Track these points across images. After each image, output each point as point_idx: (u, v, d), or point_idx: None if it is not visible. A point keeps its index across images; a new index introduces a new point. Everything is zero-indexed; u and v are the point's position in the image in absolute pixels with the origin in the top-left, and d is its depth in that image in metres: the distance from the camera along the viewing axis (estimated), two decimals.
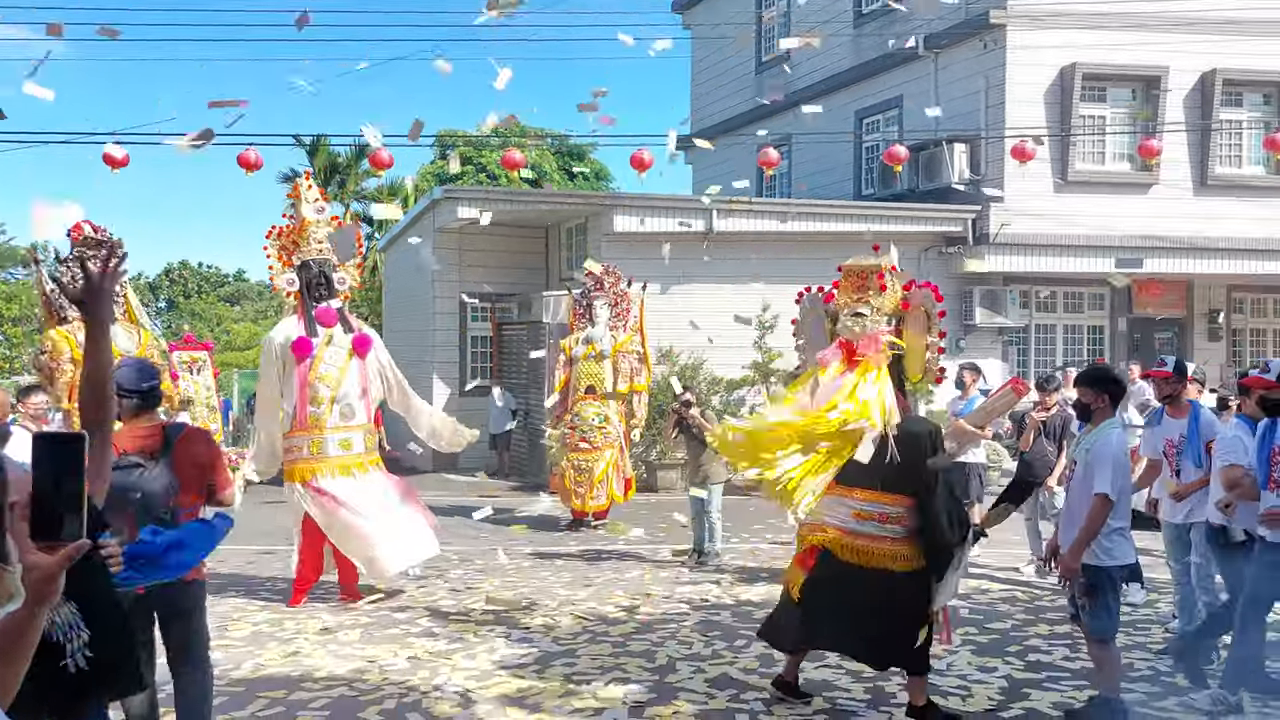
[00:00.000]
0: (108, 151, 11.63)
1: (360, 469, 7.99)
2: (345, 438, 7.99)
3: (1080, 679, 5.90)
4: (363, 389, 8.18)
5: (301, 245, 8.30)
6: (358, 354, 8.17)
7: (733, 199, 15.46)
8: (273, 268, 8.40)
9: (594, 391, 11.46)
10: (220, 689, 5.70)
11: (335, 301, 8.27)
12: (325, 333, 8.11)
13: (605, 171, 37.89)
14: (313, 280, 8.21)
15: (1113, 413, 5.20)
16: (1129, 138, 16.11)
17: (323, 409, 7.95)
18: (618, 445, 11.55)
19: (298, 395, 8.02)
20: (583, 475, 11.29)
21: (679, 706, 5.41)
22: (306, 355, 8.02)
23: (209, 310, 41.07)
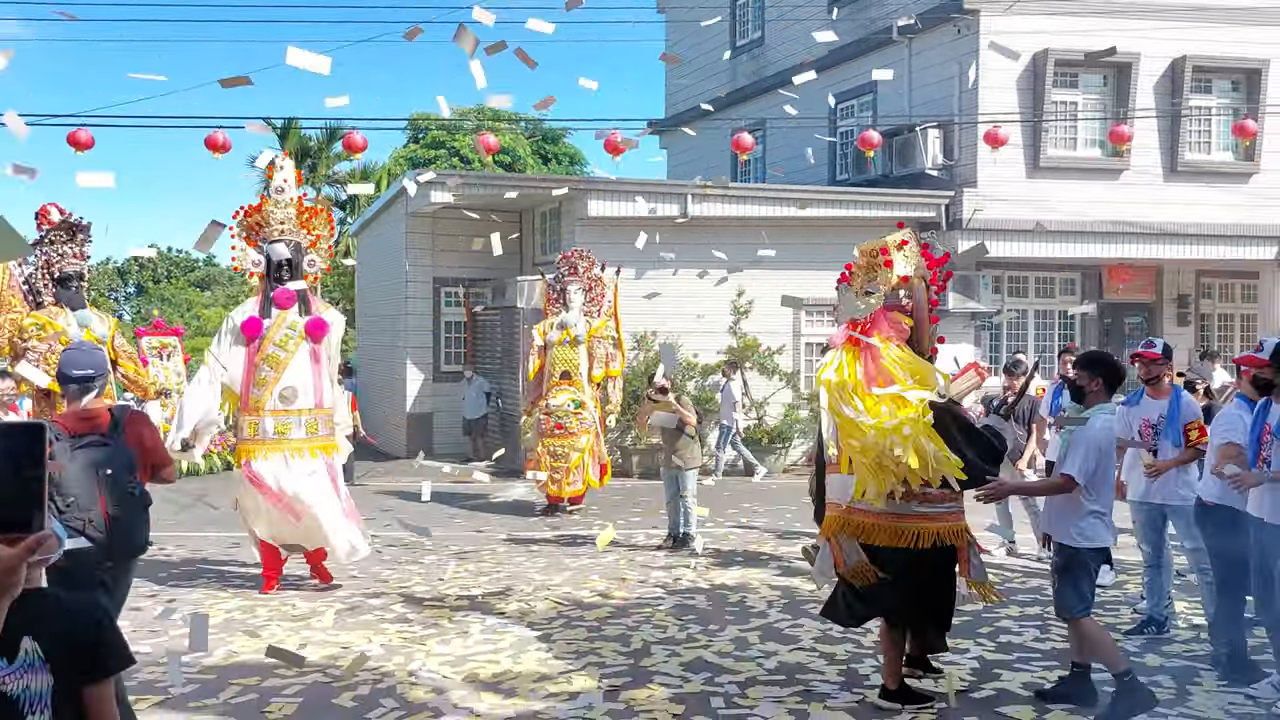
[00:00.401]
0: (74, 134, 11.46)
1: (296, 453, 7.83)
2: (283, 422, 7.88)
3: (1051, 659, 5.97)
4: (314, 373, 8.05)
5: (264, 227, 8.22)
6: (311, 338, 8.05)
7: (707, 184, 15.44)
8: (235, 248, 8.33)
9: (569, 377, 11.44)
10: (193, 676, 5.67)
11: (297, 283, 8.17)
12: (279, 314, 8.03)
13: (579, 155, 37.73)
14: (275, 262, 8.14)
15: (1106, 397, 5.20)
16: (1100, 124, 16.22)
17: (263, 391, 7.88)
18: (594, 431, 11.55)
19: (243, 376, 7.98)
20: (559, 461, 11.27)
21: (654, 690, 5.42)
22: (255, 336, 7.96)
23: (179, 295, 40.58)
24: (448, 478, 14.01)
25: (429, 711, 5.12)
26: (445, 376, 17.11)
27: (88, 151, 11.87)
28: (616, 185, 15.27)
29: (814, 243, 15.60)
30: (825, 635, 6.46)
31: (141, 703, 5.22)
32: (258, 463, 7.80)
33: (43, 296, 8.93)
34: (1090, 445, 5.04)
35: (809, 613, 7.04)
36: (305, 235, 8.38)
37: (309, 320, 8.08)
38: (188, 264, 45.06)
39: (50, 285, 8.97)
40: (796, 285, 15.65)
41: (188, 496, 12.70)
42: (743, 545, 9.54)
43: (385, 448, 16.82)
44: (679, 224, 15.22)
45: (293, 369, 7.95)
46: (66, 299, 9.01)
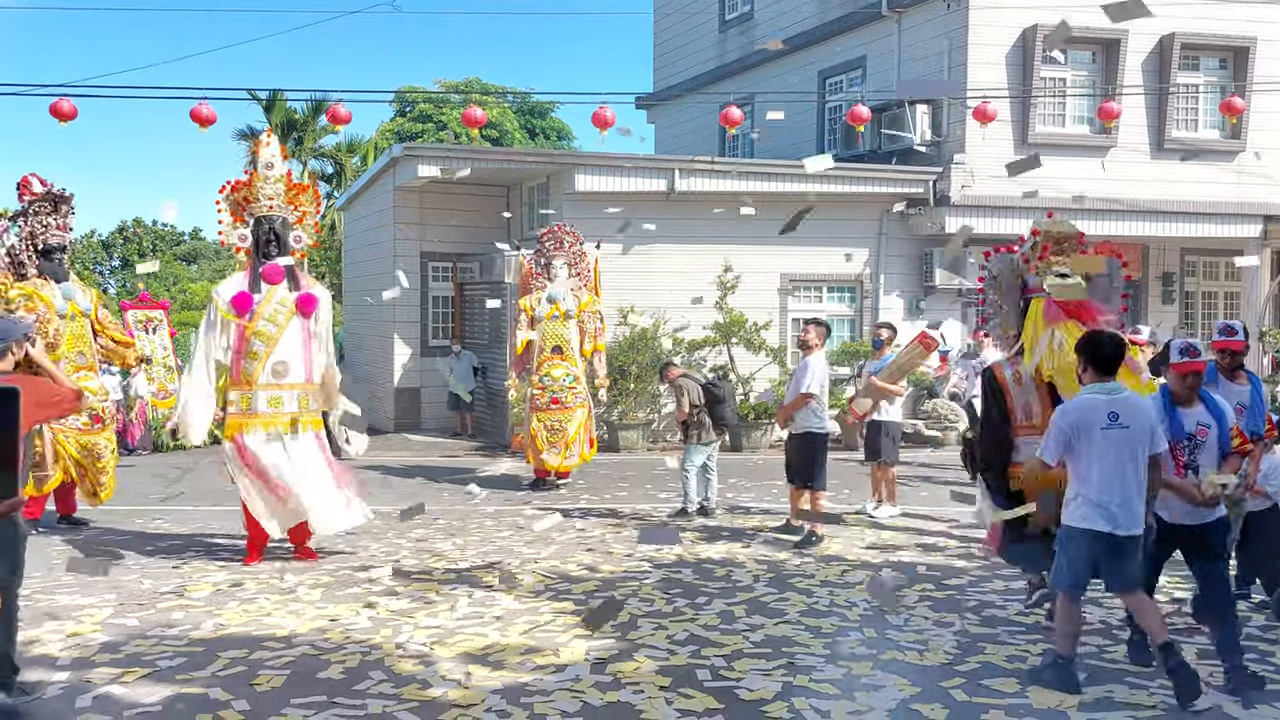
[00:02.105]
0: (56, 104, 11.33)
1: (288, 429, 7.88)
2: (275, 395, 7.88)
3: (1034, 633, 6.03)
4: (305, 348, 8.06)
5: (252, 202, 8.19)
6: (301, 313, 8.04)
7: (695, 158, 15.40)
8: (223, 223, 8.29)
9: (561, 351, 11.44)
10: (180, 649, 5.68)
11: (285, 259, 8.16)
12: (269, 289, 8.01)
13: (567, 130, 37.54)
14: (262, 237, 8.11)
15: (1093, 379, 5.14)
16: (1089, 100, 16.22)
17: (255, 365, 7.88)
18: (588, 404, 11.58)
19: (234, 350, 7.98)
20: (556, 435, 11.29)
21: (641, 662, 5.46)
22: (245, 311, 7.94)
23: (165, 269, 40.28)
24: (435, 450, 14.02)
25: (417, 683, 5.15)
26: (432, 351, 17.09)
27: (71, 122, 11.75)
28: (604, 160, 15.22)
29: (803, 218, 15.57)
30: (811, 609, 6.51)
31: (129, 675, 5.24)
32: (248, 437, 7.80)
33: (26, 269, 8.88)
34: (1057, 429, 5.09)
35: (795, 586, 7.09)
36: (292, 211, 8.32)
37: (299, 295, 8.06)
38: (174, 238, 44.71)
39: (34, 257, 8.91)
40: (784, 260, 15.70)
41: (175, 470, 12.69)
42: (729, 520, 9.58)
43: (372, 422, 16.80)
44: (666, 198, 15.19)
45: (284, 344, 7.94)
46: (50, 270, 8.96)
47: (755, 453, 14.26)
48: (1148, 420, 5.07)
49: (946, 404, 15.07)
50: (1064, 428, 5.08)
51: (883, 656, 5.57)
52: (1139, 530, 5.04)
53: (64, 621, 6.19)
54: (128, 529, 9.17)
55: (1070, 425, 5.06)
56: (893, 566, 7.71)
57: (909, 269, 16.25)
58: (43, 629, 6.00)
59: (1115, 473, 4.97)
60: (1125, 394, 5.12)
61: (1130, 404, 5.06)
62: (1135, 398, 5.19)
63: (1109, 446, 4.97)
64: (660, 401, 15.14)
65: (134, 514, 9.80)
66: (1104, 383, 5.11)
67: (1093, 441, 4.99)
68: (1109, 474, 4.97)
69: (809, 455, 8.68)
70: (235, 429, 7.89)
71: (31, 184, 9.01)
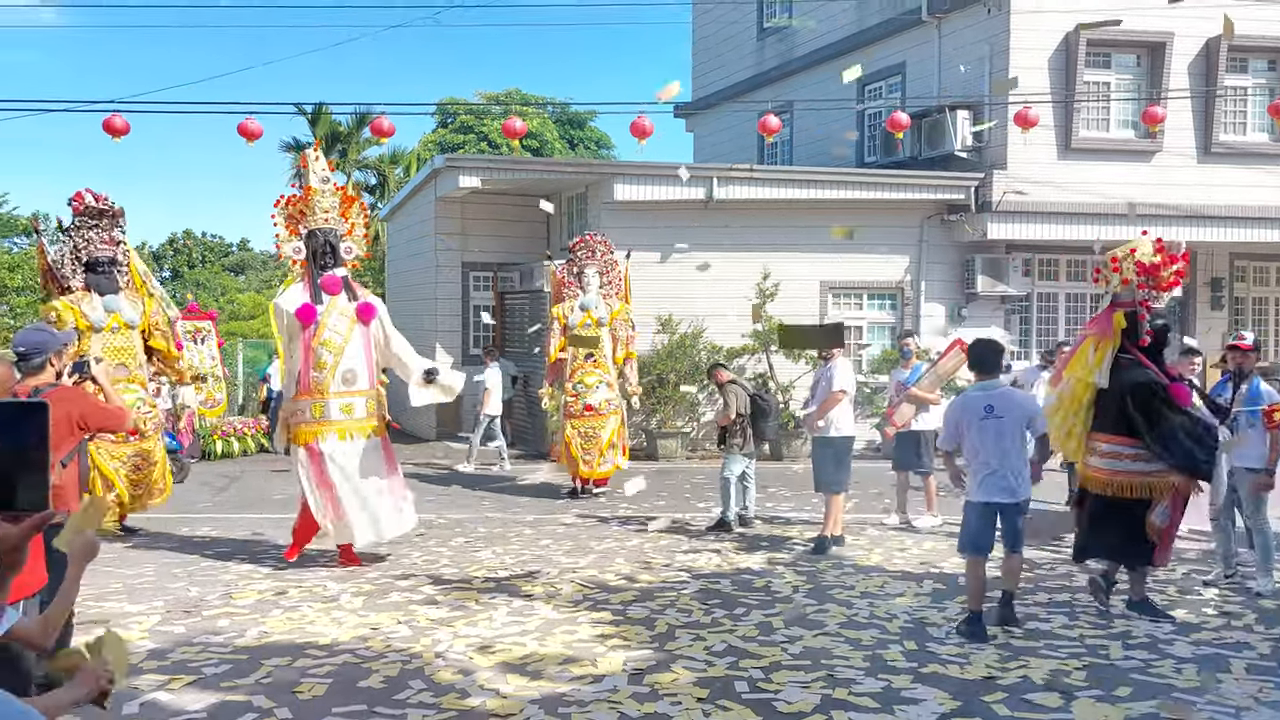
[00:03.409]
0: (109, 120, 11.58)
1: (360, 433, 8.17)
2: (348, 402, 8.14)
3: (1078, 646, 5.95)
4: (366, 355, 8.29)
5: (307, 215, 8.39)
6: (361, 321, 8.28)
7: (733, 166, 15.39)
8: (279, 236, 8.49)
9: (594, 359, 11.49)
10: (225, 656, 5.78)
11: (341, 270, 8.38)
12: (330, 300, 8.23)
13: (606, 140, 37.67)
14: (318, 249, 8.32)
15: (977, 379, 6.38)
16: (1133, 104, 15.99)
17: (325, 374, 8.09)
18: (621, 411, 11.62)
19: (302, 361, 8.19)
20: (590, 442, 11.35)
21: (678, 674, 5.46)
22: (311, 322, 8.16)
23: (213, 280, 41.01)
24: (477, 458, 14.11)
25: (456, 693, 5.19)
26: (474, 360, 17.20)
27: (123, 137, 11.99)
28: (642, 169, 15.26)
29: (843, 225, 15.50)
30: (850, 621, 6.47)
31: (175, 682, 5.33)
32: (323, 444, 8.04)
33: (70, 281, 9.06)
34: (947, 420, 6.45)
35: (834, 598, 7.05)
36: (343, 223, 8.52)
37: (359, 304, 8.32)
38: (222, 249, 45.49)
39: (79, 270, 9.09)
40: (824, 268, 15.63)
41: (223, 479, 12.90)
42: (768, 530, 9.55)
43: (412, 430, 16.96)
44: (705, 206, 15.18)
45: (350, 352, 8.20)
46: (95, 283, 9.11)
47: (795, 462, 14.18)
48: (1022, 410, 6.19)
49: None
50: (950, 420, 6.33)
51: (923, 670, 5.52)
52: (1014, 500, 6.14)
53: (112, 629, 6.31)
54: (176, 536, 9.34)
55: (954, 418, 6.29)
56: (934, 578, 7.64)
57: (951, 276, 16.10)
58: (92, 636, 6.12)
59: (995, 453, 6.06)
60: (1001, 390, 6.23)
61: (1005, 397, 6.19)
62: (1012, 393, 6.33)
63: (987, 433, 6.07)
64: (699, 410, 15.13)
65: (182, 521, 9.97)
66: (984, 381, 6.25)
67: (973, 429, 6.11)
68: (990, 454, 6.07)
69: (837, 459, 8.66)
70: (309, 436, 8.09)
71: (84, 198, 9.20)
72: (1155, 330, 6.63)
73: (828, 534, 8.59)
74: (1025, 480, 6.19)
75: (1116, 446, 6.57)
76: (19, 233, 32.28)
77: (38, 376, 4.90)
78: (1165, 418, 6.38)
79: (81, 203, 9.20)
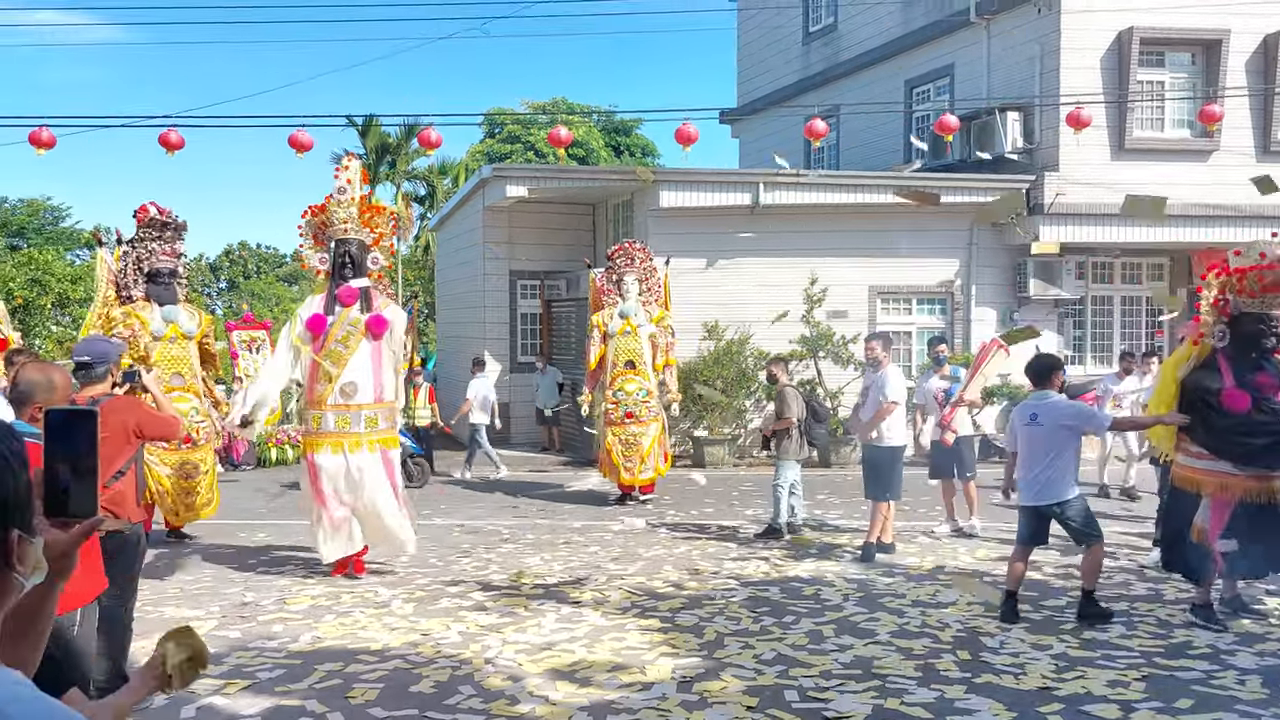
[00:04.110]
0: (165, 135, 11.85)
1: (355, 447, 8.00)
2: (344, 415, 8.05)
3: (1137, 656, 5.82)
4: (374, 368, 8.18)
5: (328, 226, 8.40)
6: (371, 334, 8.18)
7: (780, 171, 15.33)
8: (303, 246, 8.56)
9: (634, 366, 11.49)
10: (279, 661, 5.86)
11: (361, 280, 8.32)
12: (342, 311, 8.19)
13: (652, 147, 37.73)
14: (338, 260, 8.31)
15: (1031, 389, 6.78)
16: (1189, 104, 15.67)
17: (326, 386, 8.07)
18: (661, 418, 11.60)
19: (308, 371, 8.21)
20: (631, 450, 11.34)
21: (728, 682, 5.43)
22: (319, 332, 8.16)
23: (268, 290, 41.70)
24: (524, 465, 14.19)
25: (506, 699, 5.21)
26: (522, 367, 17.34)
27: (178, 151, 12.27)
28: (688, 175, 15.26)
29: (890, 230, 15.39)
30: (902, 630, 6.40)
31: (231, 687, 5.42)
32: (319, 454, 8.02)
33: (132, 291, 9.27)
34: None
35: (885, 606, 6.98)
36: (368, 233, 8.49)
37: (369, 317, 8.21)
38: (276, 259, 46.28)
39: (140, 281, 9.30)
40: (873, 273, 15.51)
41: (276, 485, 13.10)
42: (816, 537, 9.48)
43: (460, 436, 17.09)
44: (751, 212, 15.14)
45: (353, 365, 8.10)
46: (155, 294, 9.30)
47: (844, 469, 14.07)
48: (1064, 418, 6.48)
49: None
50: (1010, 425, 6.86)
51: (977, 680, 5.44)
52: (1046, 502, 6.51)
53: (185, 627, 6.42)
54: (232, 542, 9.49)
55: (1011, 423, 6.82)
56: (994, 584, 7.53)
57: (1002, 279, 15.88)
58: (151, 640, 6.25)
59: (1032, 458, 6.51)
60: (1050, 400, 6.56)
61: (1050, 408, 6.52)
62: (1057, 403, 6.56)
63: (1028, 439, 6.55)
64: (746, 417, 15.07)
65: (238, 528, 10.14)
66: (1038, 391, 6.68)
67: (1020, 434, 6.62)
68: (1027, 458, 6.55)
69: (886, 467, 8.58)
70: (311, 447, 8.14)
71: (149, 210, 9.41)
72: (1245, 335, 6.47)
73: (873, 541, 8.51)
74: (1064, 484, 6.50)
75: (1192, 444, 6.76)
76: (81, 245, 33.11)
77: (95, 386, 4.98)
78: (1208, 420, 6.39)
79: (146, 215, 9.40)
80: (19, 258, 24.71)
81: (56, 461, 1.37)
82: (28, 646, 1.43)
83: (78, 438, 1.38)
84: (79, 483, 1.38)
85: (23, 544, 1.23)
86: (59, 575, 1.40)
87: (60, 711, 1.19)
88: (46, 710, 1.18)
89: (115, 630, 4.91)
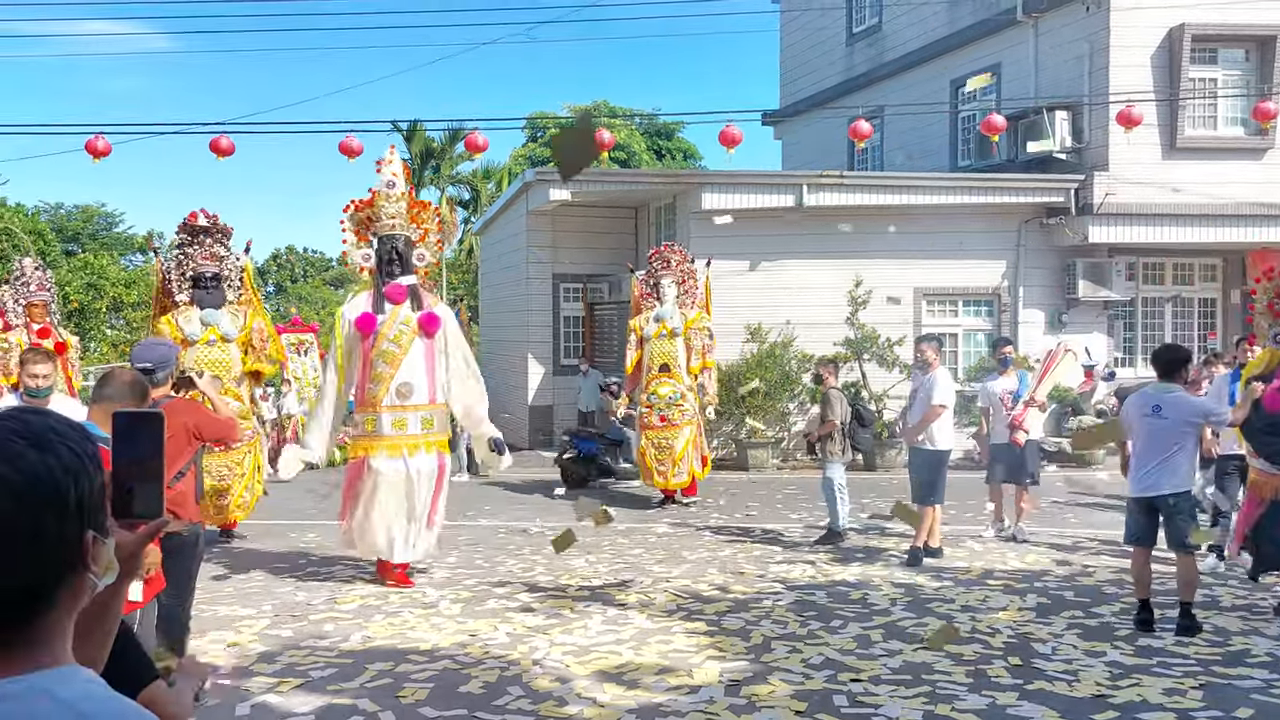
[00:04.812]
0: (215, 141, 12.06)
1: (412, 450, 7.81)
2: (400, 417, 7.80)
3: (1193, 664, 5.72)
4: (428, 368, 7.95)
5: (374, 221, 8.14)
6: (424, 333, 7.93)
7: (823, 173, 15.25)
8: (346, 242, 8.28)
9: (668, 370, 11.47)
10: (330, 660, 5.94)
11: (409, 278, 8.08)
12: (392, 310, 7.93)
13: (693, 150, 37.69)
14: (385, 256, 8.04)
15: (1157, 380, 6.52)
16: (1242, 101, 15.36)
17: (379, 387, 7.81)
18: (696, 422, 11.54)
19: (360, 372, 7.95)
20: (664, 453, 11.33)
21: (775, 686, 5.41)
22: (370, 332, 7.88)
23: (314, 294, 42.25)
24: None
25: (554, 700, 5.24)
26: (564, 370, 17.41)
27: (229, 157, 12.47)
28: (730, 177, 15.23)
29: (936, 231, 15.25)
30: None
31: (284, 685, 5.50)
32: (375, 458, 7.78)
33: (176, 296, 9.44)
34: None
35: (933, 611, 6.91)
36: (415, 229, 8.25)
37: (422, 315, 7.95)
38: (322, 264, 46.88)
39: (184, 285, 9.44)
40: (918, 274, 15.37)
41: (326, 486, 13.26)
42: (863, 541, 9.41)
43: (507, 439, 17.16)
44: (795, 214, 15.07)
45: (407, 365, 7.86)
46: (199, 298, 9.43)
47: (889, 472, 13.96)
48: (1189, 412, 6.39)
49: (1093, 421, 14.43)
50: (1124, 413, 6.70)
51: (1029, 686, 5.38)
52: (1159, 493, 6.31)
53: (225, 632, 6.55)
54: (283, 542, 9.63)
55: (1126, 411, 6.66)
56: (1037, 592, 7.44)
57: (1050, 281, 15.65)
58: (206, 639, 6.37)
59: (1151, 450, 6.33)
60: (1174, 394, 6.36)
61: (1175, 402, 6.32)
62: (1182, 398, 6.40)
63: (1148, 431, 6.35)
64: (790, 420, 15.01)
65: (288, 528, 10.28)
66: (1162, 383, 6.45)
67: (1138, 425, 6.42)
68: (1145, 450, 6.34)
69: (934, 471, 8.51)
70: (363, 450, 7.89)
71: (198, 218, 9.58)
72: None
73: (920, 545, 8.44)
74: (1180, 477, 6.37)
75: None
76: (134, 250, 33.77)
77: (157, 390, 5.07)
78: (1249, 420, 6.65)
79: (194, 221, 9.57)
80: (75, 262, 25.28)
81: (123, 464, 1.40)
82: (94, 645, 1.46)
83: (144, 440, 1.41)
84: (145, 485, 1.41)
85: (97, 545, 1.27)
86: (126, 576, 1.43)
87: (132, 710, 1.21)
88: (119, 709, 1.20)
89: (173, 629, 5.00)
